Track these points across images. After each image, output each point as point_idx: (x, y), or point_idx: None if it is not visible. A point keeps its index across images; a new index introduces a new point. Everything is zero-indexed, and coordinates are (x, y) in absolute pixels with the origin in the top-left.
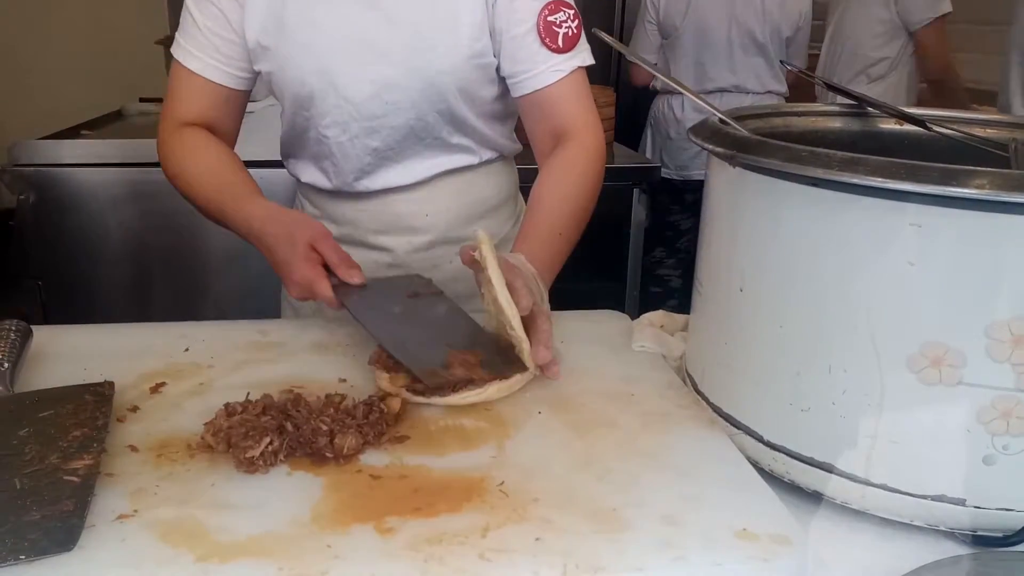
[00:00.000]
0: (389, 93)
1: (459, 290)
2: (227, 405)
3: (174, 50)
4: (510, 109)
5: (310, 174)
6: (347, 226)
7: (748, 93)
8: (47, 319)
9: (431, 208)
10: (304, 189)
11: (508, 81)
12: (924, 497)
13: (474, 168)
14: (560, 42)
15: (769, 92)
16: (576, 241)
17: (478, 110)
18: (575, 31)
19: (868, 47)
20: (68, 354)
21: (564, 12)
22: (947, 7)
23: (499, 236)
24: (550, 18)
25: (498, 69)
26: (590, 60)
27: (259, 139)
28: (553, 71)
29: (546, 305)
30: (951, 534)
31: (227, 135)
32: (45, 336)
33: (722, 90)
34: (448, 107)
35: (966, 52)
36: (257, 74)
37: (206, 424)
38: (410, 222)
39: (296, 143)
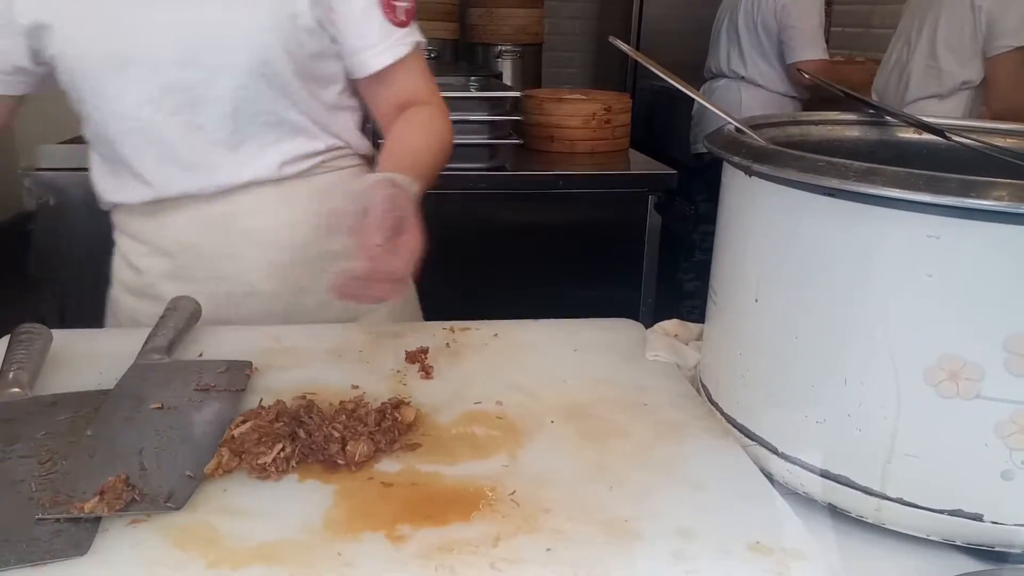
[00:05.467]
0: (202, 53)
1: (333, 314)
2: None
3: None
4: (351, 102)
5: (126, 189)
6: (186, 255)
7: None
8: (64, 322)
9: (287, 218)
10: (124, 221)
11: (350, 59)
12: (940, 512)
13: (328, 167)
14: (401, 15)
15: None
16: (432, 181)
17: (312, 86)
18: (411, 5)
19: (952, 65)
20: (85, 358)
21: None
22: None
23: None
24: None
25: (335, 43)
26: (421, 37)
27: None
28: (399, 45)
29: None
30: (968, 549)
31: None
32: (63, 339)
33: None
34: (273, 71)
35: None
36: (23, 74)
37: None
38: (264, 237)
39: (106, 152)
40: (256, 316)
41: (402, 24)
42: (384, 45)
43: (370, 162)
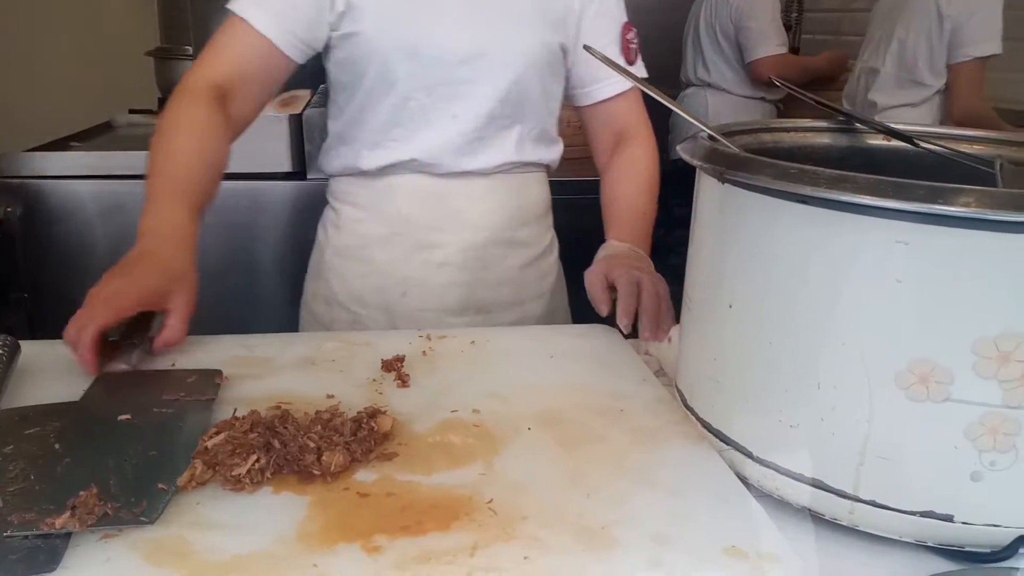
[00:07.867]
0: (479, 60)
1: (504, 296)
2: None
3: (234, 4)
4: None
5: (374, 156)
6: (402, 224)
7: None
8: (33, 333)
9: (490, 205)
10: (348, 192)
11: (579, 90)
12: (912, 513)
13: (524, 173)
14: (632, 55)
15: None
16: (654, 221)
17: (541, 104)
18: (638, 45)
19: (922, 74)
20: (54, 370)
21: (633, 31)
22: (993, 48)
23: (543, 244)
24: (627, 36)
25: (567, 75)
26: (645, 73)
27: (255, 149)
28: (624, 81)
29: (649, 272)
30: (939, 550)
31: (246, 110)
32: (32, 351)
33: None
34: (522, 87)
35: (1014, 72)
36: (308, 47)
37: None
38: (468, 217)
39: (360, 122)
40: (446, 283)
41: (631, 62)
42: (612, 80)
43: (548, 170)
